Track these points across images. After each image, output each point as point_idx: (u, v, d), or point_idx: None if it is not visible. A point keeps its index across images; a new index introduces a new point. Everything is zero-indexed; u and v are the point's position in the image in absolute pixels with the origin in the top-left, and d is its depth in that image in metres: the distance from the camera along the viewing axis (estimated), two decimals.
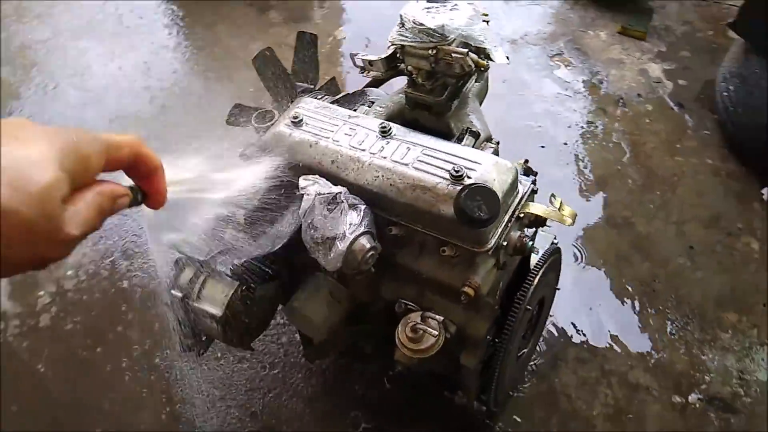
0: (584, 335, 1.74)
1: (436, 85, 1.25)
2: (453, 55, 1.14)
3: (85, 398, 1.61)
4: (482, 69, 1.20)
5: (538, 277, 1.24)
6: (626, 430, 1.58)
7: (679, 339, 1.75)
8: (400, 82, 1.33)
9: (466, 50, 1.14)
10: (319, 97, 1.40)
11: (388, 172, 1.11)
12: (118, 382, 1.64)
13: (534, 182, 1.18)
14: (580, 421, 1.59)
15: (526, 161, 1.27)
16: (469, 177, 1.05)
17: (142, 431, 1.56)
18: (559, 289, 1.56)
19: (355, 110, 1.33)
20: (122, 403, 1.60)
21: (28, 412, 1.59)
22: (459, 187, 1.04)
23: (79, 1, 2.87)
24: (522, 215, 1.14)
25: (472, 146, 1.20)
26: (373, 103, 1.42)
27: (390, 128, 1.16)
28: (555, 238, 1.43)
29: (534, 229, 1.25)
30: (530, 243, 1.14)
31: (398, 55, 1.22)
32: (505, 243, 1.10)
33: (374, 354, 1.50)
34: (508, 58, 1.26)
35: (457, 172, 1.05)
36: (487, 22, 1.26)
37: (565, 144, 2.23)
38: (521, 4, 2.80)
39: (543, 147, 2.19)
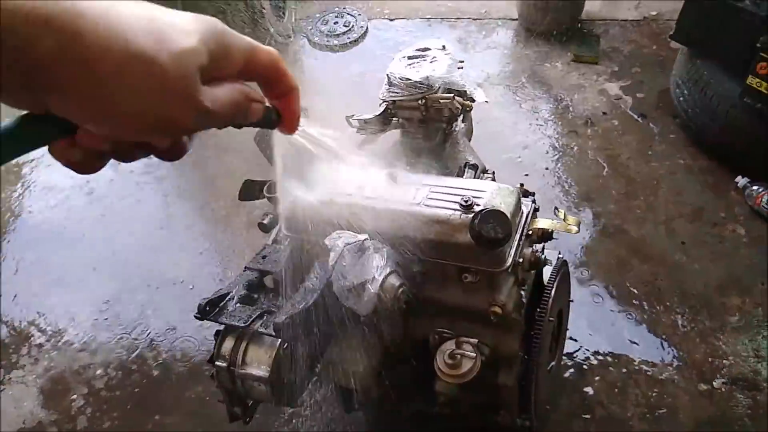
0: (603, 342, 1.81)
1: (429, 131, 1.37)
2: (441, 101, 1.27)
3: None
4: (467, 109, 1.33)
5: (554, 287, 1.34)
6: (662, 426, 1.63)
7: (692, 330, 1.83)
8: None
9: (451, 95, 1.26)
10: None
11: (403, 214, 1.20)
12: None
13: (534, 201, 1.29)
14: (617, 424, 1.64)
15: (522, 185, 1.38)
16: (477, 204, 1.15)
17: None
18: (572, 300, 1.64)
19: None
20: None
21: None
22: (471, 215, 1.13)
23: None
24: (530, 232, 1.24)
25: (473, 178, 1.31)
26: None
27: (396, 175, 1.26)
28: (560, 253, 1.53)
29: (543, 244, 1.34)
30: (543, 256, 1.23)
31: (390, 110, 1.35)
32: (520, 260, 1.20)
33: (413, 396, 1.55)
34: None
35: (466, 202, 1.15)
36: (461, 67, 1.40)
37: (547, 169, 2.36)
38: (478, 51, 3.00)
39: (527, 175, 2.32)
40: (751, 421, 1.61)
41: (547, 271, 1.44)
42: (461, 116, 1.44)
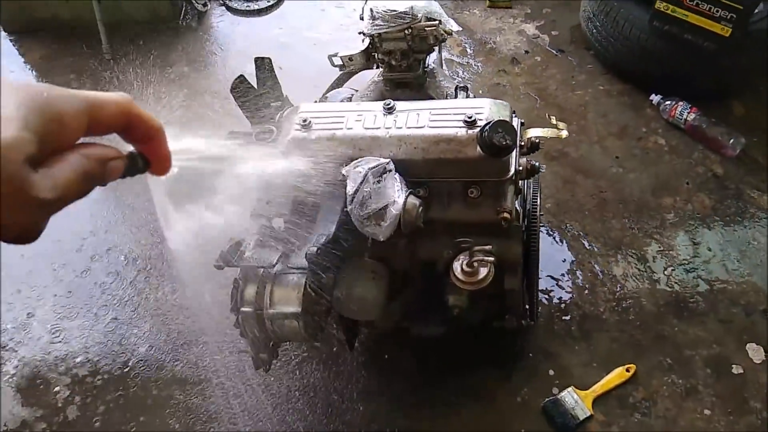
0: (568, 253, 1.99)
1: (411, 62, 1.43)
2: (426, 29, 1.33)
3: None
4: (445, 38, 1.40)
5: (539, 196, 1.46)
6: (629, 314, 1.84)
7: (638, 230, 2.05)
8: None
9: (436, 21, 1.33)
10: None
11: (409, 139, 1.26)
12: None
13: (517, 117, 1.40)
14: (594, 320, 1.82)
15: None
16: (480, 120, 1.24)
17: None
18: (542, 214, 1.79)
19: None
20: None
21: None
22: (476, 131, 1.21)
23: None
24: (522, 143, 1.34)
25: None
26: (350, 98, 1.56)
27: (393, 104, 1.31)
28: None
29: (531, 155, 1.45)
30: (536, 163, 1.35)
31: (375, 43, 1.39)
32: (519, 168, 1.30)
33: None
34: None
35: (470, 118, 1.23)
36: None
37: None
38: None
39: None
40: (701, 298, 1.85)
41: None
42: (435, 48, 1.51)
